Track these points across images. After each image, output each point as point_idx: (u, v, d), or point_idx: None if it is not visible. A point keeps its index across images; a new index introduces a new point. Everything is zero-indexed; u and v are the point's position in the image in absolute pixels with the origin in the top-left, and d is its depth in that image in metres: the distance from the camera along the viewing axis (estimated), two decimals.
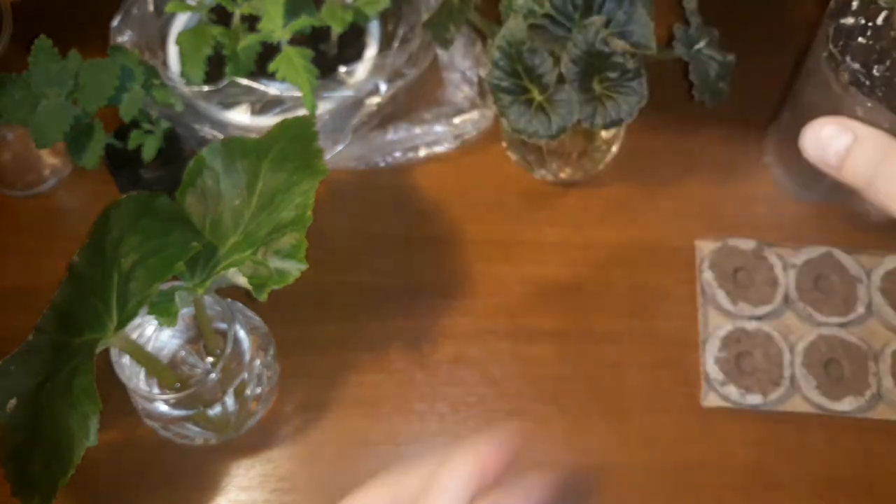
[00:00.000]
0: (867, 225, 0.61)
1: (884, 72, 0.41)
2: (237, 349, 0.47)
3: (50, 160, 0.63)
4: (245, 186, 0.45)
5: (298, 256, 0.41)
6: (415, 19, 0.62)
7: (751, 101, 0.64)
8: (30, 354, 0.44)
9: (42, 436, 0.39)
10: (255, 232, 0.43)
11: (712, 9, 0.58)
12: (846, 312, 0.55)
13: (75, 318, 0.43)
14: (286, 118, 0.47)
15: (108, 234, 0.43)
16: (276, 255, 0.41)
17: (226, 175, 0.45)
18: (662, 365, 0.55)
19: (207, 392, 0.47)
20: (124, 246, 0.42)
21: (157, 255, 0.41)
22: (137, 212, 0.44)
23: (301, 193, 0.42)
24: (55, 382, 0.40)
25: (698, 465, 0.52)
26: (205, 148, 0.46)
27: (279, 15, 0.55)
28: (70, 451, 0.38)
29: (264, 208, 0.43)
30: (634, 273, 0.58)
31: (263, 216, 0.43)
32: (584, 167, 0.60)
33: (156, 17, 0.61)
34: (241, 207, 0.44)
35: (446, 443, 0.53)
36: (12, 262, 0.60)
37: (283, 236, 0.41)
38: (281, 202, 0.43)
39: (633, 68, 0.48)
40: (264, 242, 0.42)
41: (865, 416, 0.53)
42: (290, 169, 0.44)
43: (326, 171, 0.43)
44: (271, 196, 0.43)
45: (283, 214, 0.42)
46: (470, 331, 0.56)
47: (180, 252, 0.40)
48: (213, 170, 0.45)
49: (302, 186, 0.43)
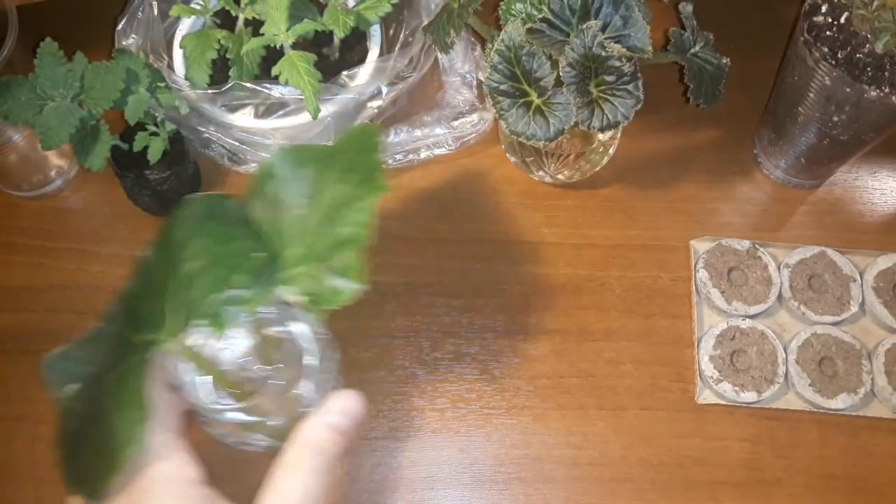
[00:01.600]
0: (860, 225, 0.62)
1: (846, 55, 0.51)
2: (303, 362, 0.45)
3: (56, 162, 0.63)
4: (310, 197, 0.42)
5: (353, 276, 0.39)
6: (416, 24, 0.62)
7: (745, 103, 0.65)
8: (94, 342, 0.43)
9: (95, 431, 0.38)
10: (315, 245, 0.41)
11: (707, 13, 0.59)
12: (840, 311, 0.56)
13: (136, 315, 0.41)
14: (355, 127, 0.44)
15: (176, 234, 0.41)
16: (333, 272, 0.39)
17: (291, 183, 0.43)
18: (658, 362, 0.56)
19: (268, 400, 0.45)
20: (189, 249, 0.40)
21: (219, 264, 0.39)
22: (206, 214, 0.42)
23: (360, 209, 0.40)
24: (112, 379, 0.39)
25: (693, 461, 0.53)
26: (275, 154, 0.43)
27: (282, 19, 0.55)
28: (116, 455, 0.36)
29: (327, 220, 0.41)
30: (631, 272, 0.59)
31: (325, 229, 0.41)
32: (582, 169, 0.61)
33: (160, 21, 0.61)
34: (304, 218, 0.42)
35: (445, 438, 0.54)
36: (18, 263, 0.60)
37: (340, 253, 0.39)
38: (343, 216, 0.40)
39: (630, 72, 0.49)
40: (323, 258, 0.40)
41: (859, 413, 0.54)
42: (354, 182, 0.41)
43: (386, 188, 0.40)
44: (336, 208, 0.41)
45: (342, 230, 0.40)
46: (469, 329, 0.57)
47: (241, 264, 0.39)
48: (281, 177, 0.43)
49: (362, 202, 0.40)
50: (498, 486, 0.52)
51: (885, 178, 0.64)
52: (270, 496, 0.37)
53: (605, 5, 0.50)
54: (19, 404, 0.55)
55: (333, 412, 0.40)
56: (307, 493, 0.37)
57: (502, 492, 0.52)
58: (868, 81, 0.50)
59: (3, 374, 0.56)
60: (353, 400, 0.40)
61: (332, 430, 0.39)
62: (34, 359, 0.56)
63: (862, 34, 0.51)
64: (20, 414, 0.55)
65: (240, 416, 0.44)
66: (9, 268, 0.60)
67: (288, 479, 0.37)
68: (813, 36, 0.52)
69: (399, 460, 0.53)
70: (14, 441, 0.54)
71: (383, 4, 0.59)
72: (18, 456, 0.54)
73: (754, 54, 0.64)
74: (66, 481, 0.38)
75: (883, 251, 0.59)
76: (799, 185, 0.63)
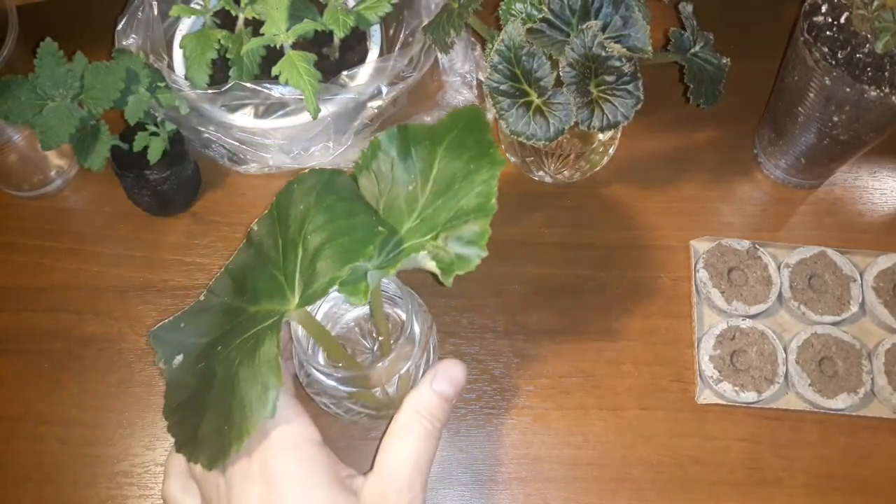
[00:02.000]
0: (860, 225, 0.62)
1: (846, 55, 0.51)
2: (411, 337, 0.47)
3: (56, 162, 0.63)
4: (419, 173, 0.45)
5: (481, 244, 0.42)
6: (416, 24, 0.62)
7: (745, 103, 0.65)
8: (200, 314, 0.44)
9: (214, 398, 0.39)
10: (432, 217, 0.43)
11: (707, 13, 0.59)
12: (840, 311, 0.56)
13: (252, 287, 0.43)
14: (458, 109, 0.47)
15: (292, 208, 0.43)
16: (458, 241, 0.42)
17: (400, 161, 0.46)
18: (658, 362, 0.56)
19: (375, 376, 0.47)
20: (310, 223, 0.42)
21: (346, 237, 0.41)
22: (322, 189, 0.44)
23: (482, 182, 0.43)
24: (233, 348, 0.40)
25: (693, 461, 0.53)
26: (382, 133, 0.47)
27: (282, 19, 0.55)
28: (245, 420, 0.37)
29: (440, 194, 0.44)
30: (631, 272, 0.59)
31: (440, 202, 0.44)
32: (582, 169, 0.61)
33: (160, 21, 0.61)
34: (414, 193, 0.45)
35: (445, 438, 0.54)
36: (18, 262, 0.60)
37: (465, 223, 0.42)
38: (460, 189, 0.43)
39: (630, 72, 0.49)
40: (445, 228, 0.42)
41: (859, 413, 0.54)
42: (466, 157, 0.44)
43: (505, 161, 0.44)
44: (448, 183, 0.44)
45: (463, 202, 0.43)
46: (469, 329, 0.57)
47: (370, 236, 0.40)
48: (388, 154, 0.46)
49: (482, 175, 0.43)
50: (498, 486, 0.52)
51: (885, 178, 0.64)
52: (387, 456, 0.40)
53: (605, 5, 0.50)
54: (19, 404, 0.55)
55: (440, 380, 0.43)
56: (420, 455, 0.40)
57: (502, 492, 0.52)
58: (868, 81, 0.50)
59: (3, 374, 0.56)
60: (457, 369, 0.43)
61: (440, 396, 0.42)
62: (34, 359, 0.57)
63: (862, 34, 0.51)
64: (20, 414, 0.55)
65: (347, 386, 0.46)
66: (9, 268, 0.60)
67: (403, 441, 0.40)
68: (813, 36, 0.52)
69: None
70: (14, 441, 0.54)
71: (383, 4, 0.59)
72: (18, 456, 0.54)
73: (754, 54, 0.64)
74: (180, 448, 0.39)
75: (883, 251, 0.59)
76: (799, 185, 0.63)
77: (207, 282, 0.42)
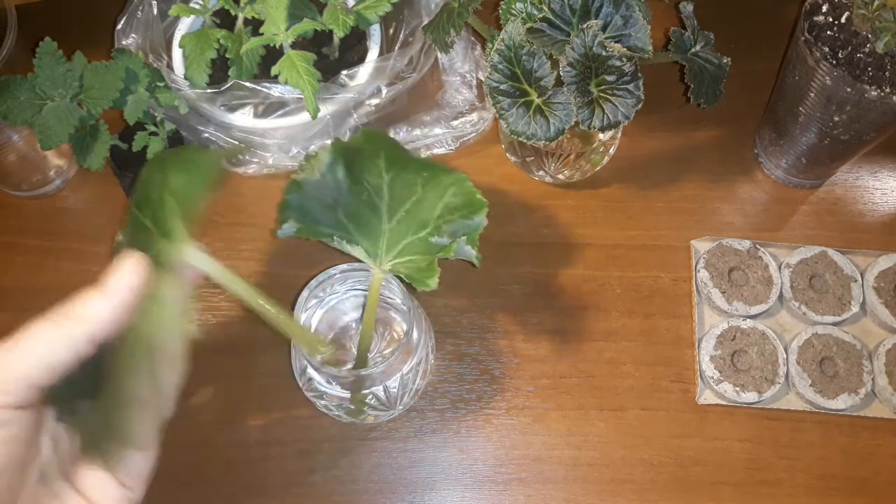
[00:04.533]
0: (861, 225, 0.62)
1: (846, 55, 0.51)
2: (410, 342, 0.48)
3: (55, 161, 0.63)
4: (368, 183, 0.49)
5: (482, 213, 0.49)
6: (416, 23, 0.62)
7: (746, 103, 0.65)
8: None
9: None
10: (413, 216, 0.49)
11: (708, 13, 0.59)
12: (840, 311, 0.56)
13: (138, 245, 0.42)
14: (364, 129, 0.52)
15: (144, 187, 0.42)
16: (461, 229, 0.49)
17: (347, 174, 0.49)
18: (658, 363, 0.56)
19: (368, 380, 0.48)
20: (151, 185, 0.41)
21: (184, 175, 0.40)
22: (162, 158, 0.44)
23: (451, 184, 0.49)
24: None
25: (694, 461, 0.53)
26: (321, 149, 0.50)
27: (282, 19, 0.55)
28: None
29: (404, 200, 0.49)
30: (631, 272, 0.59)
31: (409, 205, 0.49)
32: (582, 168, 0.61)
33: (160, 21, 0.61)
34: (370, 200, 0.49)
35: (445, 438, 0.54)
36: (17, 262, 0.60)
37: (461, 218, 0.49)
38: (426, 192, 0.49)
39: (630, 71, 0.49)
40: (438, 224, 0.49)
41: (859, 413, 0.54)
42: (415, 167, 0.49)
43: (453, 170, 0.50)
44: (408, 188, 0.49)
45: (447, 200, 0.49)
46: (470, 329, 0.57)
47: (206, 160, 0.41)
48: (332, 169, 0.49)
49: (447, 179, 0.49)
50: (498, 486, 0.52)
51: (885, 178, 0.64)
52: None
53: (606, 5, 0.50)
54: None
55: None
56: None
57: (502, 492, 0.52)
58: (869, 81, 0.50)
59: None
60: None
61: None
62: None
63: (863, 34, 0.51)
64: None
65: (346, 389, 0.48)
66: (9, 268, 0.60)
67: None
68: (813, 36, 0.52)
69: (399, 460, 0.53)
70: None
71: (383, 4, 0.59)
72: None
73: (755, 54, 0.64)
74: None
75: (884, 251, 0.59)
76: (800, 185, 0.63)
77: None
